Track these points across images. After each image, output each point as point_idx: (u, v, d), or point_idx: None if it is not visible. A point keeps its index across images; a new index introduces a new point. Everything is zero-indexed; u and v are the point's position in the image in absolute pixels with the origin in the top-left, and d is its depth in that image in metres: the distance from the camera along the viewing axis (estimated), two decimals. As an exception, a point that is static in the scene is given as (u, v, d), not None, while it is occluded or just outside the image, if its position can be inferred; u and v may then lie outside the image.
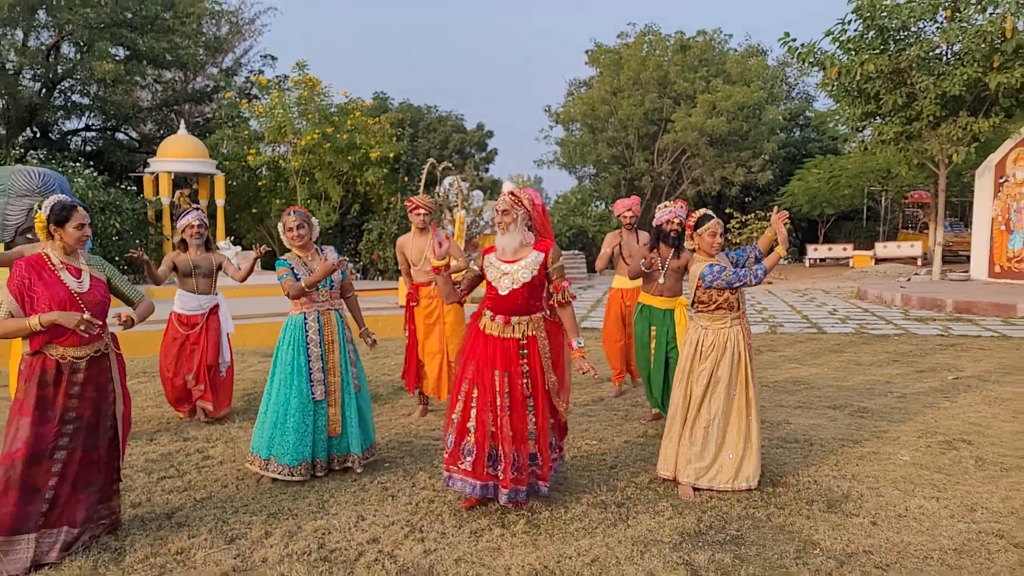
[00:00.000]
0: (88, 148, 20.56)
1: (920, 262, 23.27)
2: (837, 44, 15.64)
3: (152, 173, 15.13)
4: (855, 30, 15.45)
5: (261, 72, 21.62)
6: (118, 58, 18.07)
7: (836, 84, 16.11)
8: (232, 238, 16.59)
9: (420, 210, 5.26)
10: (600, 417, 5.48)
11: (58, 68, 18.16)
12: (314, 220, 4.27)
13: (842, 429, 5.06)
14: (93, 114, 19.87)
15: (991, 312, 11.33)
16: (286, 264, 4.08)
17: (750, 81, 24.81)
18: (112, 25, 17.49)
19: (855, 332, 9.87)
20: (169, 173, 14.80)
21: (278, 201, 17.33)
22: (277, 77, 19.23)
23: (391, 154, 17.05)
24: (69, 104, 19.17)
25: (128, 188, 14.75)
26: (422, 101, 35.03)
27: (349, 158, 16.49)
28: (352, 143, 16.41)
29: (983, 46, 13.99)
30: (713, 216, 3.85)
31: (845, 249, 25.67)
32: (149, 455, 4.52)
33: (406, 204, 5.44)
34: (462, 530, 3.40)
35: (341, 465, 4.16)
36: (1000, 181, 15.45)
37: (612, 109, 25.89)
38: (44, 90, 18.25)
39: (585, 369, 3.54)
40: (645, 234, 5.57)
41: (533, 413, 3.57)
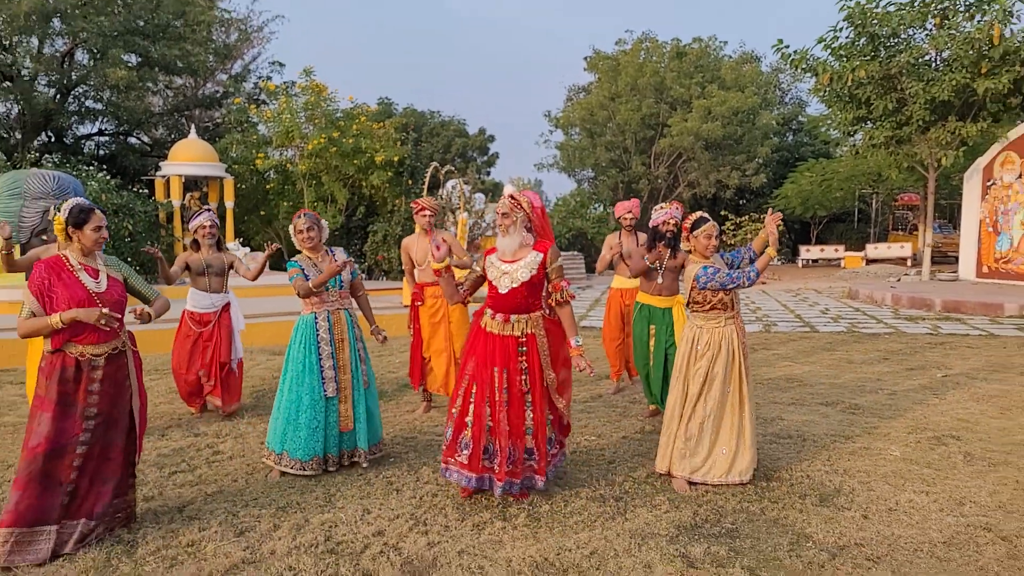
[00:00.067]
0: (101, 152, 20.83)
1: (910, 263, 23.36)
2: (829, 51, 15.84)
3: (164, 176, 15.35)
4: (847, 37, 15.63)
5: (269, 78, 21.90)
6: (131, 65, 18.32)
7: (828, 90, 16.31)
8: (241, 239, 16.80)
9: (426, 211, 5.34)
10: (599, 413, 5.55)
11: (72, 74, 18.40)
12: (324, 223, 4.37)
13: (834, 425, 5.12)
14: (106, 119, 20.14)
15: (979, 311, 11.37)
16: (296, 265, 4.19)
17: (744, 87, 25.02)
18: (125, 33, 17.76)
19: (847, 331, 9.90)
20: (180, 176, 15.02)
21: (286, 204, 17.54)
22: (285, 83, 19.41)
23: (395, 158, 17.20)
24: (83, 109, 19.43)
25: (140, 191, 14.93)
26: (425, 106, 35.27)
27: (355, 162, 16.67)
28: (358, 147, 16.61)
29: (971, 53, 14.12)
30: (709, 219, 3.93)
31: (837, 250, 25.73)
32: (161, 450, 4.61)
33: (412, 206, 5.52)
34: (465, 523, 3.46)
35: (349, 460, 4.25)
36: (988, 184, 15.54)
37: (610, 114, 26.11)
38: (59, 96, 18.50)
39: (582, 367, 3.62)
40: (644, 236, 5.66)
41: (531, 409, 3.64)
